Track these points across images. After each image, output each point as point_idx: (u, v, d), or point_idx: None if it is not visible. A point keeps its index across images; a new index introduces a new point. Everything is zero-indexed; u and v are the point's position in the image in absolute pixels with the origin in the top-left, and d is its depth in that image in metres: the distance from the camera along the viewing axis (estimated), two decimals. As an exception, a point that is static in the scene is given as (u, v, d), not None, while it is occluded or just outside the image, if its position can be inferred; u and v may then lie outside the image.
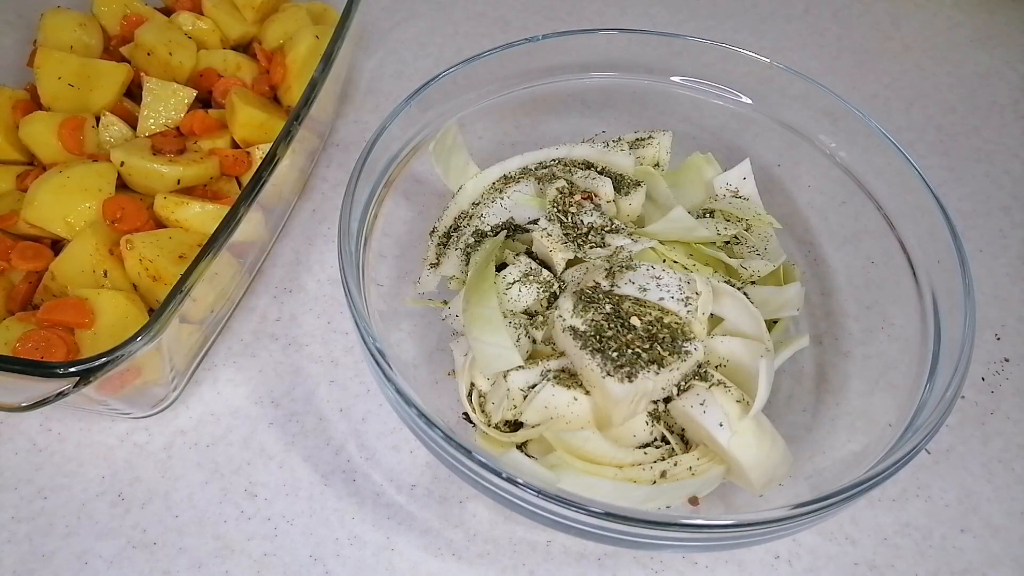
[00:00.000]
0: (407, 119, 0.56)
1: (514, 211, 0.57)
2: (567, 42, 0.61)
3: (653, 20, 0.85)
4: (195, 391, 0.57)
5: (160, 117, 0.61)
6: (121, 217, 0.55)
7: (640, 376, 0.45)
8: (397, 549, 0.51)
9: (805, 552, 0.51)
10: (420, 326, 0.57)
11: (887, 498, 0.54)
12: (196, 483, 0.53)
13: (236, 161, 0.61)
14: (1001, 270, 0.66)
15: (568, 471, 0.45)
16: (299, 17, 0.70)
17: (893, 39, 0.86)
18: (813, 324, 0.59)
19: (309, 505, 0.52)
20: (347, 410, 0.57)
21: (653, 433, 0.48)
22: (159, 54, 0.63)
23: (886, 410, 0.49)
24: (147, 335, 0.44)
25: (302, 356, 0.60)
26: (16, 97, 0.61)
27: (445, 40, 0.83)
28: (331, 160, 0.72)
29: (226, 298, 0.57)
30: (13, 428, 0.55)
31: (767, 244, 0.58)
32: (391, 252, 0.59)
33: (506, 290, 0.51)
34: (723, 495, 0.49)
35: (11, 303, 0.53)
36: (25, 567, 0.49)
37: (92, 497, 0.52)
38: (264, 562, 0.50)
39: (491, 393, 0.51)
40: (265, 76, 0.67)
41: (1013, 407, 0.58)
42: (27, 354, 0.48)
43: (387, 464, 0.54)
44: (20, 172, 0.59)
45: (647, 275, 0.50)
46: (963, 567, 0.51)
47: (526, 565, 0.50)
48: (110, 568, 0.50)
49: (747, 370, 0.48)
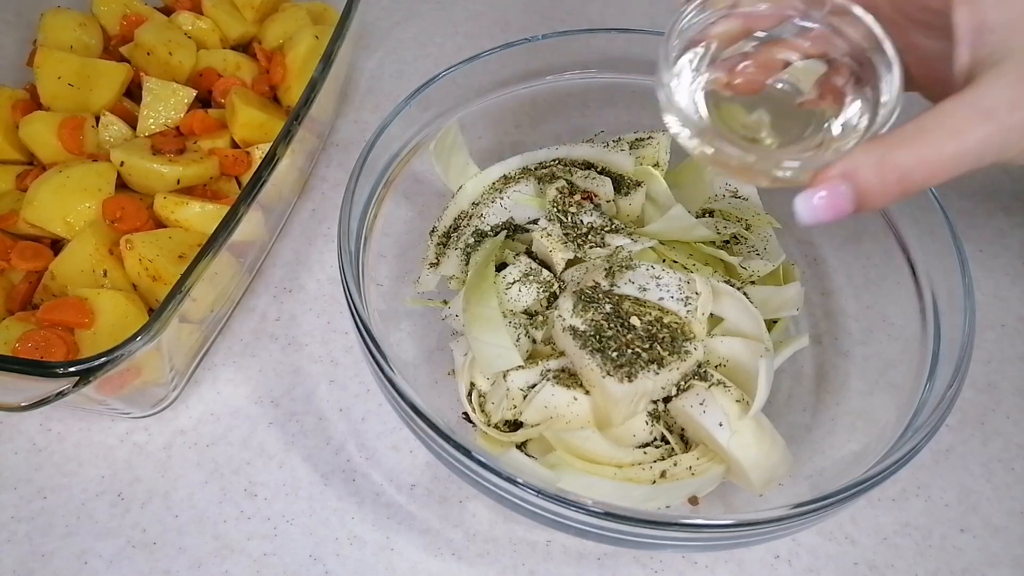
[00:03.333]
0: (407, 119, 0.56)
1: (514, 211, 0.57)
2: (567, 42, 0.61)
3: (653, 20, 0.85)
4: (195, 391, 0.57)
5: (160, 117, 0.61)
6: (121, 217, 0.55)
7: (640, 376, 0.46)
8: (397, 549, 0.51)
9: (805, 552, 0.51)
10: (420, 326, 0.57)
11: (887, 498, 0.54)
12: (196, 483, 0.53)
13: (236, 161, 0.61)
14: (1001, 270, 0.66)
15: (568, 471, 0.45)
16: (299, 17, 0.70)
17: (893, 39, 0.86)
18: (813, 324, 0.59)
19: (309, 505, 0.52)
20: (347, 410, 0.57)
21: (653, 433, 0.48)
22: (159, 54, 0.63)
23: (886, 410, 0.49)
24: (147, 335, 0.44)
25: (302, 356, 0.60)
26: (16, 97, 0.61)
27: (445, 40, 0.83)
28: (331, 160, 0.72)
29: (226, 298, 0.57)
30: (13, 428, 0.55)
31: (767, 244, 0.58)
32: (391, 252, 0.59)
33: (506, 290, 0.51)
34: (723, 495, 0.49)
35: (11, 303, 0.53)
36: (25, 567, 0.49)
37: (92, 497, 0.52)
38: (264, 562, 0.50)
39: (491, 393, 0.51)
40: (265, 76, 0.67)
41: (1013, 407, 0.58)
42: (27, 354, 0.48)
43: (387, 464, 0.54)
44: (20, 172, 0.59)
45: (647, 275, 0.50)
46: (963, 567, 0.51)
47: (526, 565, 0.50)
48: (110, 568, 0.50)
49: (747, 370, 0.48)
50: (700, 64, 0.40)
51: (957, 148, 0.32)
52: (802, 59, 0.41)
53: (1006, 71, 0.32)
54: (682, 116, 0.38)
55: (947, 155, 0.32)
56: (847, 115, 0.38)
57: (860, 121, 0.37)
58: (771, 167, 0.36)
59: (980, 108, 0.32)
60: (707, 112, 0.39)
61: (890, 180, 0.32)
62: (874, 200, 0.33)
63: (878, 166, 0.33)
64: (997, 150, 0.32)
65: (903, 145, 0.32)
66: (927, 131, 0.32)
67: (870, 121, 0.36)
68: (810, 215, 0.34)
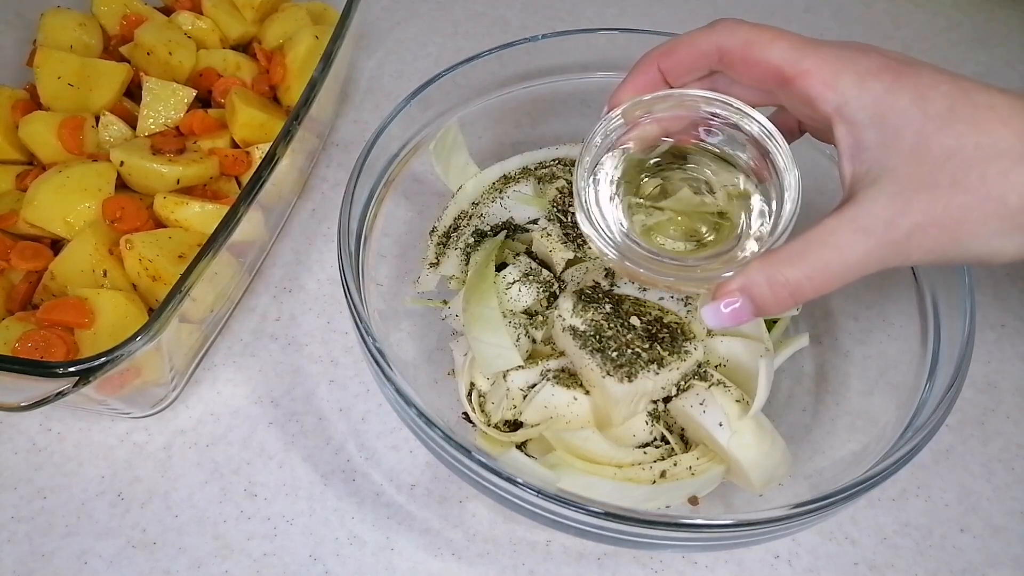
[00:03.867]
0: (407, 119, 0.56)
1: (514, 211, 0.57)
2: (567, 42, 0.61)
3: (653, 20, 0.85)
4: (195, 391, 0.57)
5: (160, 117, 0.61)
6: (121, 217, 0.55)
7: (640, 376, 0.46)
8: (397, 549, 0.51)
9: (805, 552, 0.51)
10: (420, 326, 0.57)
11: (887, 498, 0.54)
12: (196, 483, 0.53)
13: (236, 161, 0.61)
14: (1001, 270, 0.66)
15: (568, 471, 0.45)
16: (299, 17, 0.70)
17: (893, 39, 0.86)
18: (813, 324, 0.59)
19: (309, 505, 0.52)
20: (347, 410, 0.57)
21: (653, 433, 0.48)
22: (159, 54, 0.63)
23: (886, 410, 0.49)
24: (147, 335, 0.44)
25: (302, 356, 0.60)
26: (16, 97, 0.61)
27: (445, 40, 0.83)
28: (331, 160, 0.72)
29: (226, 298, 0.57)
30: (13, 428, 0.55)
31: (767, 244, 0.58)
32: (391, 252, 0.59)
33: (506, 290, 0.51)
34: (723, 495, 0.49)
35: (11, 303, 0.53)
36: (25, 567, 0.49)
37: (92, 497, 0.52)
38: (264, 562, 0.50)
39: (491, 393, 0.51)
40: (265, 76, 0.67)
41: (1013, 407, 0.58)
42: (27, 354, 0.48)
43: (387, 464, 0.54)
44: (20, 172, 0.59)
45: (647, 275, 0.50)
46: (963, 567, 0.51)
47: (526, 565, 0.50)
48: (110, 568, 0.50)
49: (747, 370, 0.48)
50: (618, 169, 0.45)
51: (840, 264, 0.35)
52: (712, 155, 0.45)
53: (881, 190, 0.34)
54: (599, 233, 0.43)
55: (832, 271, 0.35)
56: (752, 214, 0.43)
57: (762, 227, 0.41)
58: (681, 283, 0.42)
59: (859, 226, 0.34)
60: (626, 221, 0.44)
61: (782, 295, 0.36)
62: (770, 310, 0.37)
63: (770, 283, 0.36)
64: (878, 262, 0.35)
65: (791, 263, 0.35)
66: (812, 248, 0.35)
67: (772, 227, 0.40)
68: (715, 322, 0.38)
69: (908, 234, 0.34)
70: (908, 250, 0.34)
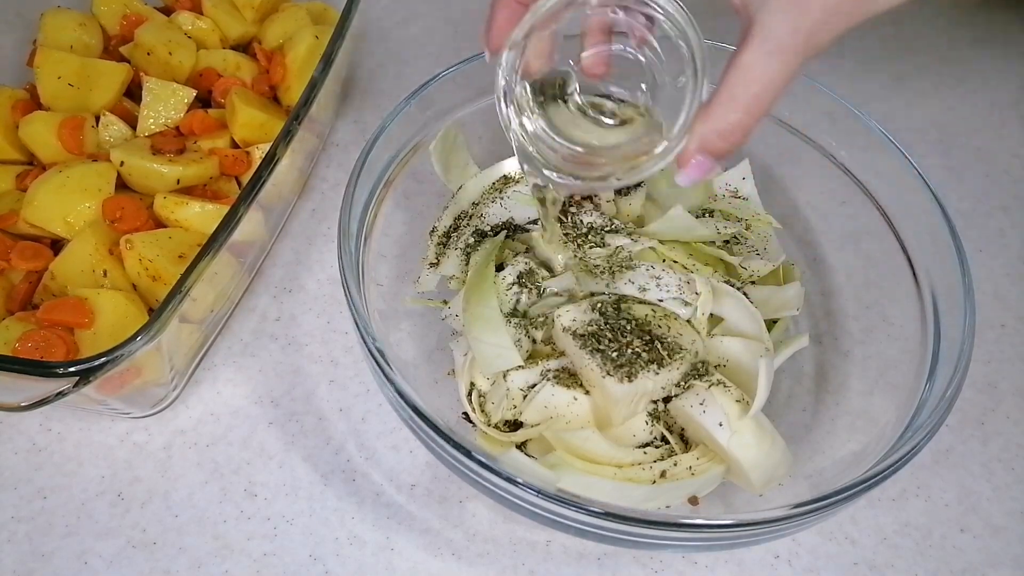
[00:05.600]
0: (407, 119, 0.56)
1: (514, 211, 0.57)
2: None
3: (653, 20, 0.85)
4: (195, 391, 0.57)
5: (160, 117, 0.61)
6: (121, 217, 0.55)
7: (640, 376, 0.46)
8: (397, 549, 0.51)
9: (805, 552, 0.51)
10: (420, 326, 0.57)
11: (887, 498, 0.54)
12: (196, 483, 0.53)
13: (236, 161, 0.61)
14: (1001, 270, 0.66)
15: (568, 471, 0.45)
16: (299, 17, 0.70)
17: (893, 39, 0.86)
18: (813, 324, 0.59)
19: (309, 505, 0.52)
20: (347, 410, 0.57)
21: (653, 433, 0.48)
22: (159, 54, 0.63)
23: (886, 410, 0.49)
24: (147, 335, 0.44)
25: (302, 356, 0.60)
26: (16, 97, 0.61)
27: (445, 40, 0.83)
28: (331, 160, 0.72)
29: (226, 298, 0.57)
30: (13, 428, 0.55)
31: (767, 244, 0.58)
32: (391, 252, 0.59)
33: (506, 290, 0.51)
34: (723, 495, 0.49)
35: (11, 303, 0.53)
36: (25, 567, 0.49)
37: (92, 497, 0.52)
38: (264, 562, 0.50)
39: (491, 393, 0.51)
40: (265, 76, 0.67)
41: (1013, 407, 0.58)
42: (27, 354, 0.48)
43: (387, 464, 0.54)
44: (20, 172, 0.59)
45: (647, 275, 0.50)
46: (963, 567, 0.51)
47: (526, 564, 0.50)
48: (110, 568, 0.50)
49: (747, 370, 0.48)
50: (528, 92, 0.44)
51: (769, 88, 0.37)
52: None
53: (774, 8, 0.36)
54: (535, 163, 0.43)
55: (765, 97, 0.37)
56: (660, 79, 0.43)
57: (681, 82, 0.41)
58: (619, 171, 0.43)
59: (768, 49, 0.37)
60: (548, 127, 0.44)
61: (734, 138, 0.39)
62: (729, 154, 0.40)
63: (719, 133, 0.39)
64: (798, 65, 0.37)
65: (728, 108, 0.38)
66: (740, 89, 0.38)
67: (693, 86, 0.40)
68: (687, 181, 0.41)
69: (811, 32, 0.36)
70: (818, 41, 0.36)
